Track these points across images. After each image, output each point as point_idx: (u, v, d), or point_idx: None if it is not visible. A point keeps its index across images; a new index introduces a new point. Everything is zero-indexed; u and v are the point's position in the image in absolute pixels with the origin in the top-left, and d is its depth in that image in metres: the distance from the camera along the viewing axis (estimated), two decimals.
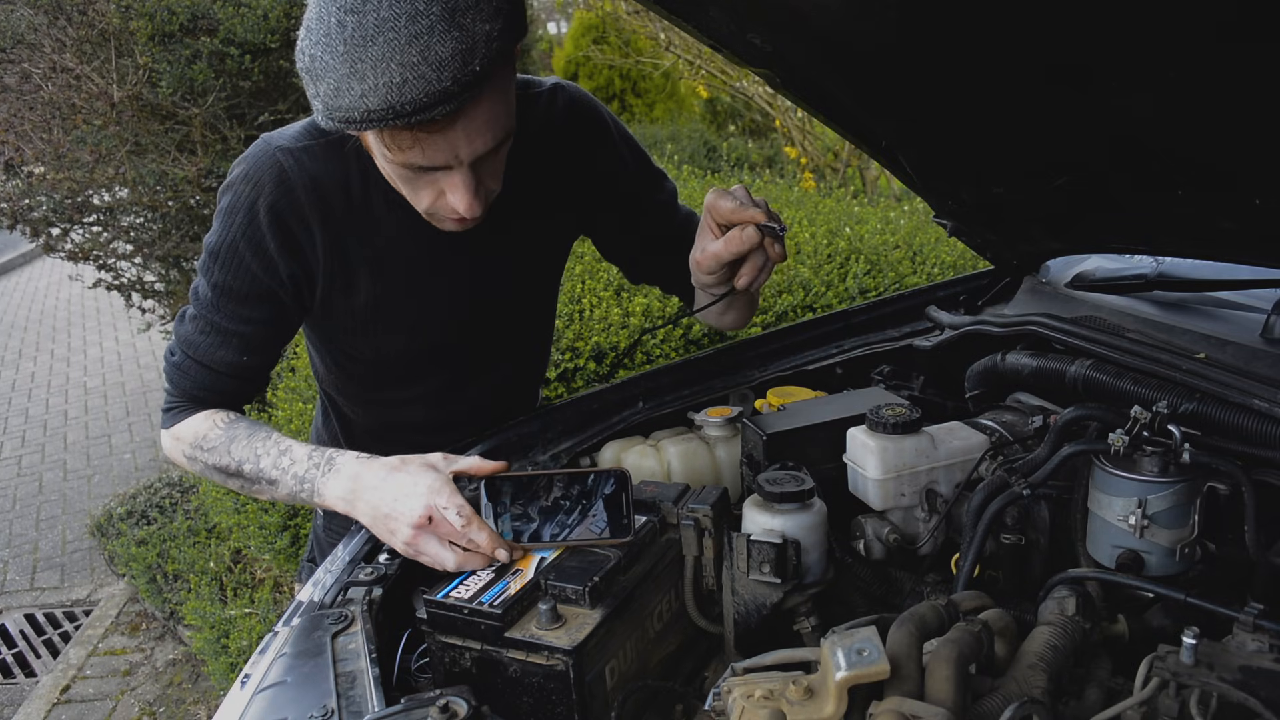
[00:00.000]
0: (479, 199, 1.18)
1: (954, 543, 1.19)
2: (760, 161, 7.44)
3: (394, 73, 0.99)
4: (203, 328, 1.33)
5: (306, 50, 1.05)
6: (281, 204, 1.25)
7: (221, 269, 1.29)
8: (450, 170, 1.14)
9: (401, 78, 0.99)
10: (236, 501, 3.32)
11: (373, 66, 1.00)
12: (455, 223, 1.24)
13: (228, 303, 1.31)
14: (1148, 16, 0.86)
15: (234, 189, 1.27)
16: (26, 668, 3.62)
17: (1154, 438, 1.03)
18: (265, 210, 1.25)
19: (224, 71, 4.28)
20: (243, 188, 1.26)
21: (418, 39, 0.99)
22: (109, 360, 7.05)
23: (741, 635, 1.11)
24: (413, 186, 1.19)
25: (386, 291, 1.36)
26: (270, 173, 1.25)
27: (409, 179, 1.18)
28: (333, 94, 1.03)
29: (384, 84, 1.00)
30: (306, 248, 1.29)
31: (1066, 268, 1.69)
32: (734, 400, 1.53)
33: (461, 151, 1.11)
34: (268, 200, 1.25)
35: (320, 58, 1.03)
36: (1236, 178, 1.11)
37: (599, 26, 8.28)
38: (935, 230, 3.60)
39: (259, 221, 1.25)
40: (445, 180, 1.16)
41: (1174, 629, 0.95)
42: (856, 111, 1.41)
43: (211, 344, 1.33)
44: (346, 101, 1.02)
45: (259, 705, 0.95)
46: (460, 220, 1.22)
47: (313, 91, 1.07)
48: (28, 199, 4.75)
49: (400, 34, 0.99)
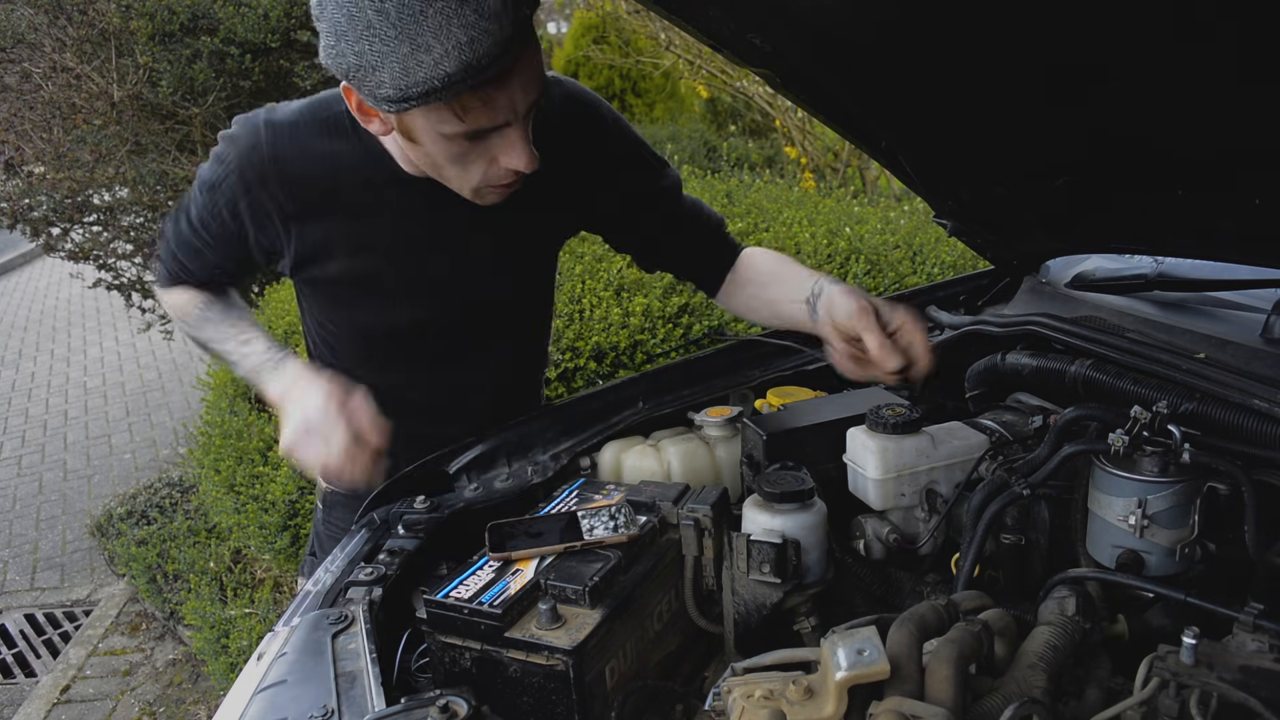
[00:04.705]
0: (533, 152, 1.20)
1: (954, 543, 1.19)
2: (760, 161, 7.43)
3: (458, 34, 1.02)
4: (186, 237, 1.44)
5: (348, 51, 1.06)
6: (250, 175, 1.32)
7: (203, 205, 1.39)
8: (507, 128, 1.17)
9: (468, 36, 1.02)
10: (237, 501, 3.32)
11: (434, 36, 1.02)
12: (503, 189, 1.26)
13: (205, 233, 1.41)
14: (1148, 17, 0.86)
15: (223, 140, 1.36)
16: (26, 668, 3.62)
17: (1154, 438, 1.03)
18: (238, 177, 1.32)
19: (224, 71, 4.28)
20: (227, 148, 1.34)
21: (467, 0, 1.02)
22: (109, 360, 7.04)
23: (741, 635, 1.11)
24: (462, 162, 1.21)
25: (374, 267, 1.40)
26: (248, 140, 1.32)
27: (461, 154, 1.20)
28: (401, 75, 1.05)
29: (453, 47, 1.03)
30: (276, 218, 1.36)
31: (1066, 268, 1.69)
32: (734, 400, 1.53)
33: (519, 103, 1.14)
34: (240, 165, 1.32)
35: (371, 50, 1.05)
36: (1236, 178, 1.11)
37: (599, 26, 8.27)
38: (935, 230, 3.60)
39: (231, 183, 1.33)
40: (500, 141, 1.18)
41: (1174, 629, 0.95)
42: (856, 112, 1.41)
43: (190, 254, 1.46)
44: (422, 74, 1.04)
45: (259, 705, 0.95)
46: (510, 184, 1.25)
47: (374, 83, 1.08)
48: (28, 199, 4.75)
49: (448, 0, 1.02)
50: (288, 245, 1.38)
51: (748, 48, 1.28)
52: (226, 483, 3.30)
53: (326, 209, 1.34)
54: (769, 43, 1.26)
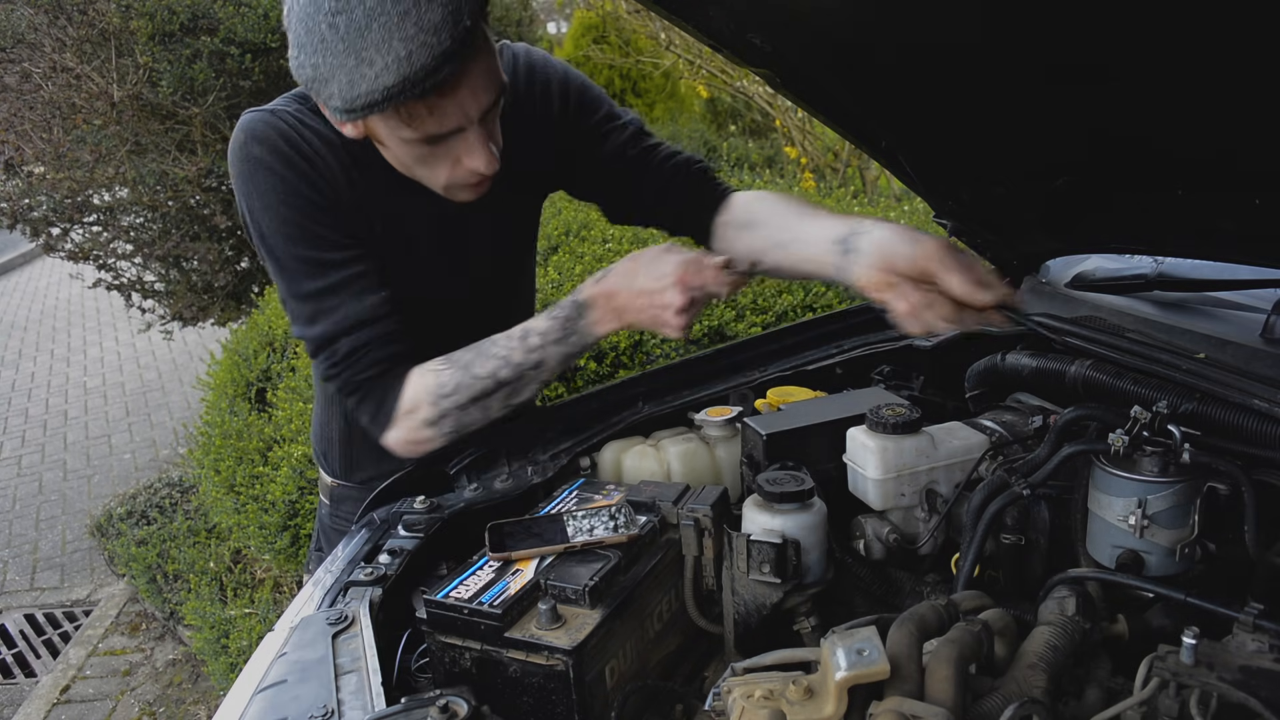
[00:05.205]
0: (493, 154, 1.23)
1: (954, 543, 1.19)
2: (760, 161, 7.43)
3: (398, 48, 1.07)
4: (325, 306, 1.27)
5: (306, 63, 1.12)
6: (291, 152, 1.26)
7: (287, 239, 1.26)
8: (463, 132, 1.20)
9: (406, 50, 1.07)
10: (237, 501, 3.32)
11: (377, 50, 1.07)
12: (473, 189, 1.28)
13: (318, 265, 1.27)
14: (1147, 17, 0.86)
15: (243, 151, 1.26)
16: (26, 668, 3.62)
17: (1154, 438, 1.03)
18: (282, 160, 1.25)
19: (224, 71, 4.28)
20: (254, 148, 1.26)
21: (409, 14, 1.06)
22: (109, 360, 7.04)
23: (741, 635, 1.11)
24: (428, 164, 1.24)
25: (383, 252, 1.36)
26: (271, 125, 1.27)
27: (424, 157, 1.23)
28: (348, 87, 1.10)
29: (392, 60, 1.07)
30: (330, 182, 1.29)
31: (1066, 268, 1.69)
32: (734, 400, 1.53)
33: (470, 109, 1.17)
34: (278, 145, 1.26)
35: (323, 63, 1.10)
36: (1236, 178, 1.11)
37: (599, 26, 8.27)
38: (935, 230, 3.59)
39: (279, 169, 1.25)
40: (459, 145, 1.21)
41: (1174, 629, 0.95)
42: (856, 111, 1.41)
43: (347, 306, 1.27)
44: (364, 88, 1.09)
45: (259, 705, 0.95)
46: (479, 184, 1.27)
47: (326, 95, 1.14)
48: (28, 199, 4.75)
49: (391, 15, 1.06)
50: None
51: (748, 48, 1.28)
52: (226, 483, 3.29)
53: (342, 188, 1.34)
54: (769, 43, 1.26)
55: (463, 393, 1.28)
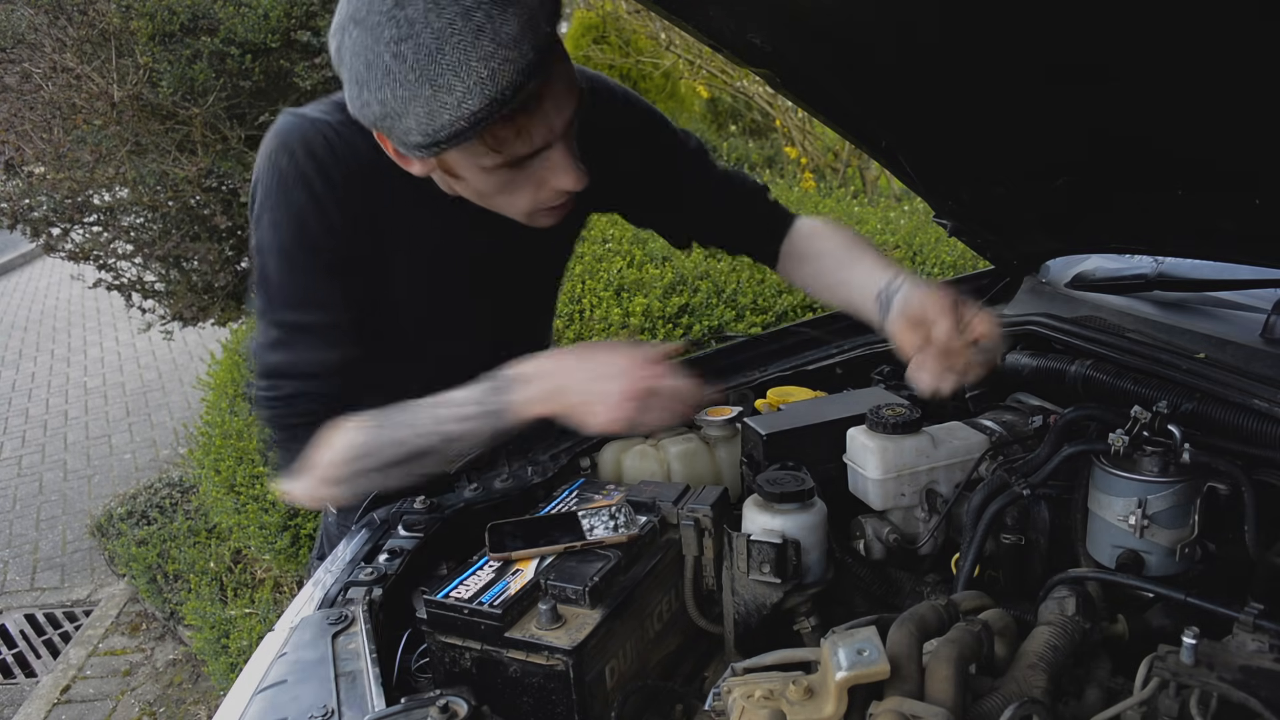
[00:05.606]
0: (581, 169, 1.16)
1: (954, 543, 1.19)
2: (760, 161, 7.44)
3: (478, 69, 0.98)
4: (291, 340, 1.23)
5: (372, 100, 1.03)
6: (317, 175, 1.19)
7: (283, 266, 1.21)
8: (549, 149, 1.12)
9: (488, 70, 0.98)
10: (237, 501, 3.32)
11: (455, 74, 0.98)
12: (557, 211, 1.21)
13: (303, 299, 1.23)
14: (1147, 17, 0.86)
15: (272, 160, 1.20)
16: (26, 668, 3.62)
17: (1154, 438, 1.03)
18: (304, 184, 1.19)
19: (224, 71, 4.28)
20: (283, 159, 1.19)
21: (483, 31, 0.98)
22: (109, 360, 7.04)
23: (741, 635, 1.11)
24: (510, 191, 1.17)
25: (413, 277, 1.32)
26: (305, 140, 1.20)
27: (506, 183, 1.15)
28: (427, 120, 1.02)
29: (474, 83, 0.99)
30: (361, 209, 1.23)
31: (1066, 268, 1.69)
32: (734, 400, 1.53)
33: (555, 123, 1.10)
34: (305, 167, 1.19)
35: (393, 97, 1.02)
36: (1236, 178, 1.11)
37: (599, 26, 8.27)
38: (935, 230, 3.60)
39: (298, 194, 1.18)
40: (544, 165, 1.14)
41: (1174, 629, 0.95)
42: (856, 111, 1.41)
43: (312, 352, 1.23)
44: (447, 116, 1.01)
45: (259, 705, 0.95)
46: (563, 205, 1.20)
47: (401, 131, 1.05)
48: (28, 199, 4.75)
49: (464, 34, 0.98)
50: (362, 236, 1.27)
51: (748, 48, 1.28)
52: (227, 483, 3.30)
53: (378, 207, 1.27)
54: (769, 43, 1.26)
55: (375, 457, 1.23)
